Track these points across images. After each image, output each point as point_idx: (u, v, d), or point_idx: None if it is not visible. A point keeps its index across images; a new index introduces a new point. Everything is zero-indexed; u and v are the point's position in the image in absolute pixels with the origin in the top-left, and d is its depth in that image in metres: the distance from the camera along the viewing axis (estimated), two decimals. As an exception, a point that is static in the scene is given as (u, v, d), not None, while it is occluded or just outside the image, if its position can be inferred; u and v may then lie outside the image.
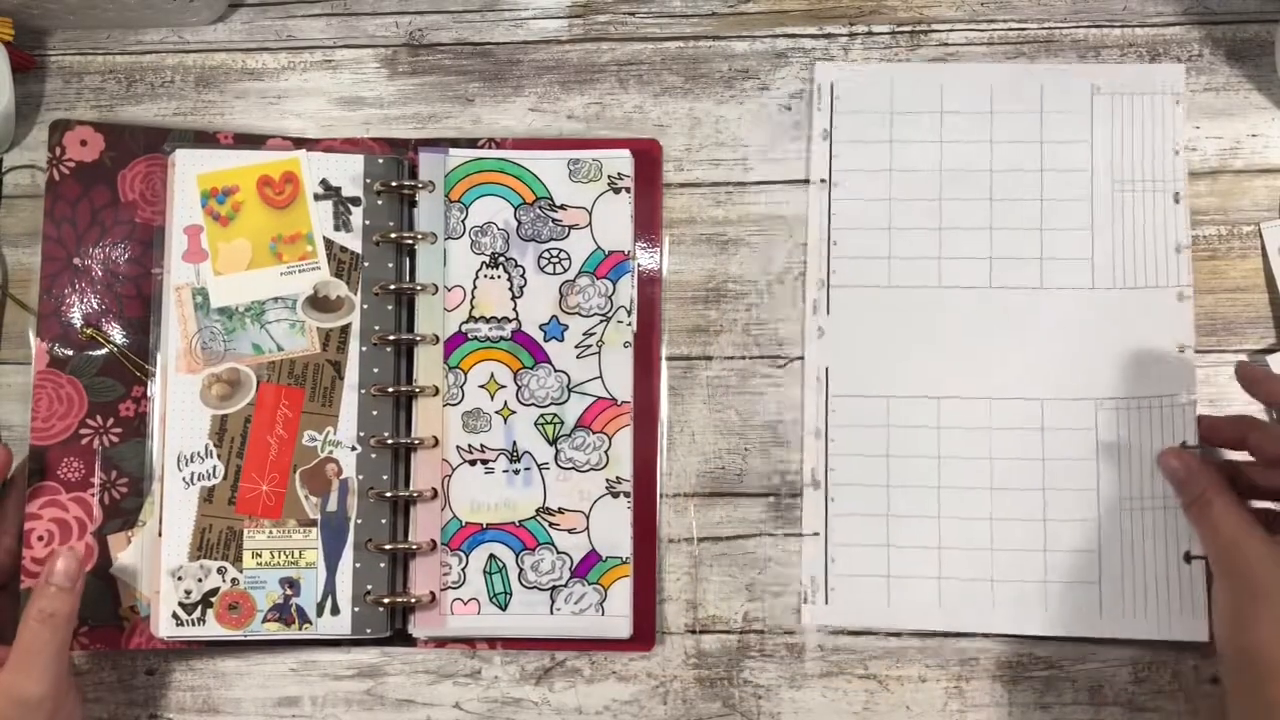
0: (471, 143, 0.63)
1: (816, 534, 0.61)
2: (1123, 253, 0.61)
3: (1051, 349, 0.61)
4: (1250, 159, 0.63)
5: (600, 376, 0.61)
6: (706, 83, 0.65)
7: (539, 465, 0.60)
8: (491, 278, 0.61)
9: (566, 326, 0.61)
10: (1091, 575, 0.59)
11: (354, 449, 0.60)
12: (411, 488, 0.60)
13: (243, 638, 0.59)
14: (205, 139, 0.63)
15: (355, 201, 0.61)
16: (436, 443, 0.60)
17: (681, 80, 0.65)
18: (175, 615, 0.58)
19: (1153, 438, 0.60)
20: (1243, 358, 0.61)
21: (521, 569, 0.60)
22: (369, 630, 0.59)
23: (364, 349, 0.60)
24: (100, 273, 0.61)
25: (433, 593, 0.59)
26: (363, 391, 0.60)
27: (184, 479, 0.59)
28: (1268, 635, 0.49)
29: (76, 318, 0.61)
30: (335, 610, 0.59)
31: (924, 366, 0.61)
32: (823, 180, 0.63)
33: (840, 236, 0.63)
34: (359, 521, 0.59)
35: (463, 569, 0.60)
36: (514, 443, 0.60)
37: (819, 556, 0.61)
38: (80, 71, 0.66)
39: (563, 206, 0.62)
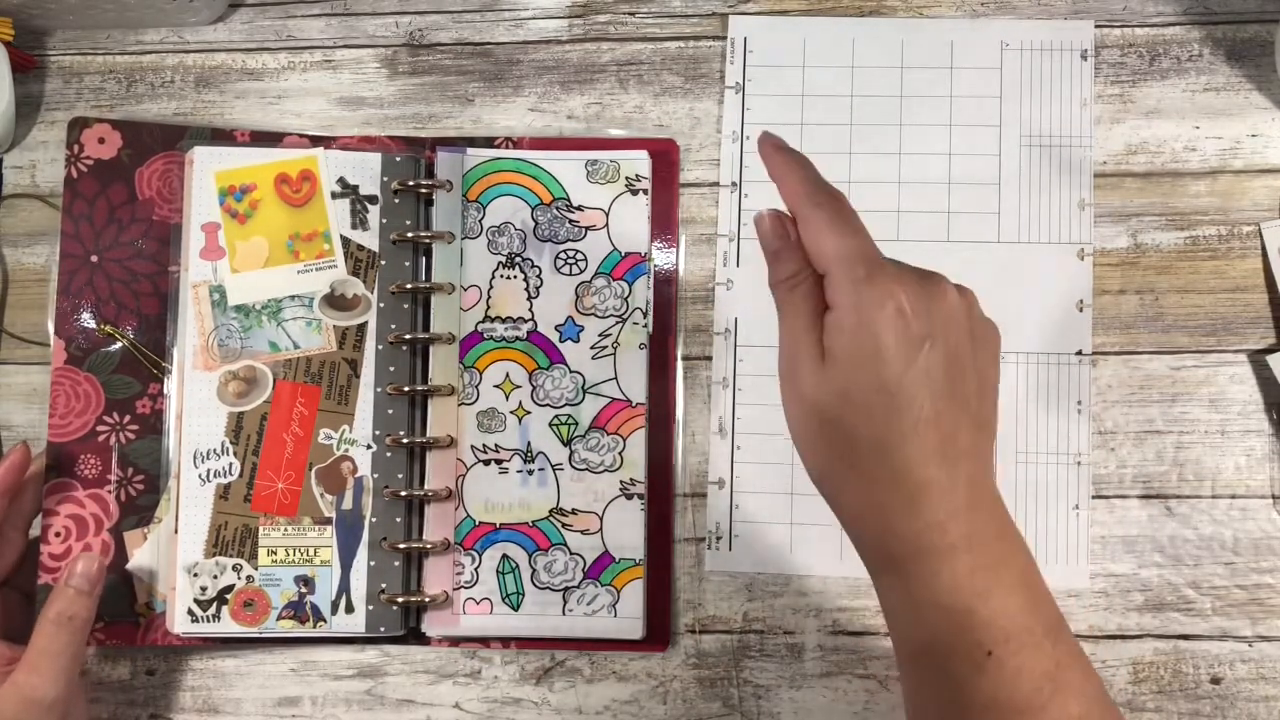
0: (489, 142, 0.63)
1: (722, 482, 0.62)
2: (1028, 208, 0.62)
3: None
4: (1250, 159, 0.63)
5: (615, 378, 0.61)
6: (706, 83, 0.65)
7: (553, 466, 0.61)
8: (508, 278, 0.61)
9: (582, 327, 0.61)
10: None
11: (369, 447, 0.60)
12: (426, 487, 0.60)
13: (258, 634, 0.59)
14: (222, 136, 0.63)
15: (372, 200, 0.61)
16: (451, 442, 0.60)
17: (681, 80, 0.65)
18: (191, 612, 0.58)
19: (1050, 392, 0.61)
20: (1242, 359, 0.62)
21: (534, 569, 0.60)
22: (383, 629, 0.59)
23: (380, 348, 0.60)
24: (118, 270, 0.61)
25: (446, 592, 0.60)
26: (379, 390, 0.60)
27: (200, 476, 0.59)
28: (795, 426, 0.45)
29: (94, 314, 0.61)
30: (350, 608, 0.59)
31: None
32: (734, 133, 0.64)
33: (751, 189, 0.63)
34: (374, 520, 0.59)
35: (476, 568, 0.60)
36: (528, 443, 0.61)
37: (724, 504, 0.62)
38: (80, 71, 0.65)
39: (580, 207, 0.62)
